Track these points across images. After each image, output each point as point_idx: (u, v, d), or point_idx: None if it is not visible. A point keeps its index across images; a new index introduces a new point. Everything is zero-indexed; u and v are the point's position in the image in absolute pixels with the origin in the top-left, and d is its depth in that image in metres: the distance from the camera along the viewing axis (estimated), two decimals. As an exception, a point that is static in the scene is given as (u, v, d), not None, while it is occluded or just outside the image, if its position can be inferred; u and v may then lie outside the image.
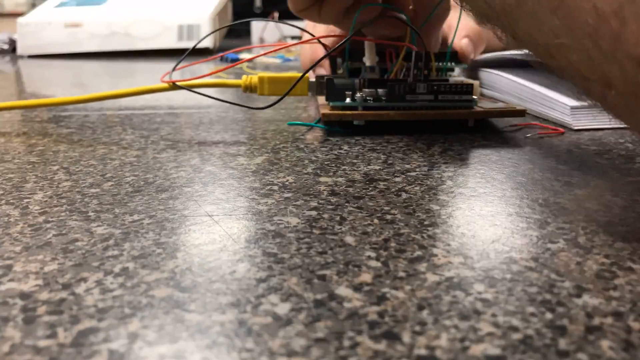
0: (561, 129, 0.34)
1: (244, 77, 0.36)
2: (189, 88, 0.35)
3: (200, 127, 0.37)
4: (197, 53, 0.81)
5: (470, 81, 0.39)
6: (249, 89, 0.36)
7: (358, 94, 0.34)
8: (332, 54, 0.36)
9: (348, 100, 0.34)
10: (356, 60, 0.43)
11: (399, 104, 0.34)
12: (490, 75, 0.45)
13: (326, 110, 0.34)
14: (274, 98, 0.34)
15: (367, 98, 0.34)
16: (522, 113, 0.35)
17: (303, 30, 0.45)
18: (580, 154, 0.29)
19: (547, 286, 0.16)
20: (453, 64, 0.45)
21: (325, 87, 0.35)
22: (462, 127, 0.35)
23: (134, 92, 0.36)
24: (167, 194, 0.24)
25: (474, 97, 0.34)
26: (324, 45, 0.39)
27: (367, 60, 0.40)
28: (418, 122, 0.35)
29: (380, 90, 0.34)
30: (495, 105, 0.36)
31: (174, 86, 0.35)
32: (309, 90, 0.35)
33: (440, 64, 0.43)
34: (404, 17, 0.35)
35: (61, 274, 0.17)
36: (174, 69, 0.38)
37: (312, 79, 0.35)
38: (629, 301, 0.15)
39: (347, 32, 0.35)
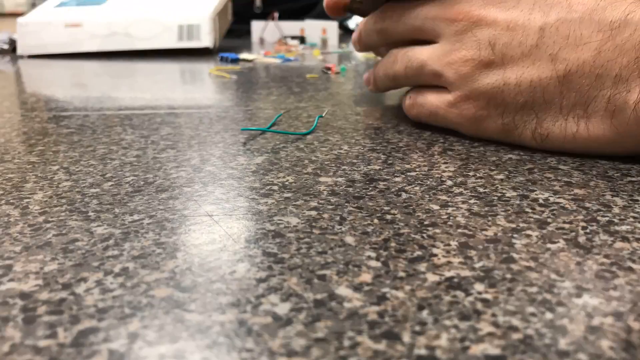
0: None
1: None
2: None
3: (200, 127, 0.37)
4: (198, 53, 0.82)
5: None
6: None
7: None
8: None
9: None
10: None
11: None
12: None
13: None
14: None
15: None
16: None
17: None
18: (580, 154, 0.29)
19: (547, 286, 0.16)
20: None
21: None
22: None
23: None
24: (167, 194, 0.24)
25: None
26: None
27: None
28: None
29: None
30: None
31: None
32: None
33: None
34: None
35: (61, 274, 0.17)
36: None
37: None
38: (629, 301, 0.15)
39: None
